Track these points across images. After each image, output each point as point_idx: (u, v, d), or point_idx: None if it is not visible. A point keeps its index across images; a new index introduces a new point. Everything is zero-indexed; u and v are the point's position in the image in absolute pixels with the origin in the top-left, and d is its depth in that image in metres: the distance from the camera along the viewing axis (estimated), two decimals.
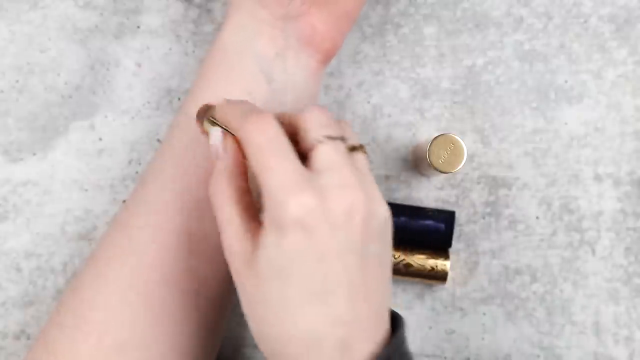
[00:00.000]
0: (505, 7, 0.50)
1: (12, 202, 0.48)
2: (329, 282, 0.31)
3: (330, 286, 0.31)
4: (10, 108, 0.48)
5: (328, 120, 0.34)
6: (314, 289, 0.31)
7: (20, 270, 0.48)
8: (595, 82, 0.50)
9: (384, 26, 0.50)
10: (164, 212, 0.38)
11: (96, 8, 0.49)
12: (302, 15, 0.40)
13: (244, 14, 0.40)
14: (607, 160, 0.49)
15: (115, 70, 0.49)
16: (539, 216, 0.49)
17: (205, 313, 0.39)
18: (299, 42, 0.40)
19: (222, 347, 0.48)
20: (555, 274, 0.49)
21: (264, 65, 0.39)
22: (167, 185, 0.39)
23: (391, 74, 0.50)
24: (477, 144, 0.49)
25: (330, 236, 0.31)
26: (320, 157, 0.32)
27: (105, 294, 0.38)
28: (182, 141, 0.39)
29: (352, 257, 0.31)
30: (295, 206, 0.30)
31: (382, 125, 0.49)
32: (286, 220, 0.30)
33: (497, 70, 0.50)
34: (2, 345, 0.48)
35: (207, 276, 0.39)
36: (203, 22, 0.50)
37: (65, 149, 0.48)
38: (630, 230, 0.49)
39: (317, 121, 0.33)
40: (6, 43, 0.49)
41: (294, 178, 0.31)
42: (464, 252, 0.49)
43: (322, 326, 0.31)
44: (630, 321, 0.48)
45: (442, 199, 0.49)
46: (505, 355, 0.48)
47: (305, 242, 0.30)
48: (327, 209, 0.31)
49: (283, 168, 0.31)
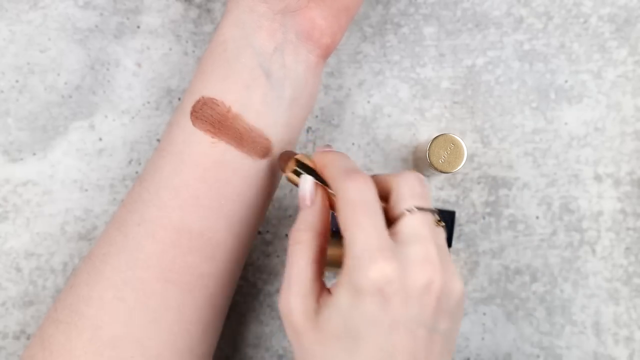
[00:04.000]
0: (505, 7, 0.50)
1: (12, 202, 0.48)
2: (396, 352, 0.32)
3: (396, 356, 0.32)
4: (10, 108, 0.48)
5: (422, 189, 0.34)
6: (379, 357, 0.31)
7: (20, 270, 0.48)
8: (595, 82, 0.50)
9: (384, 26, 0.50)
10: (161, 209, 0.38)
11: (96, 8, 0.49)
12: (301, 10, 0.40)
13: (243, 8, 0.40)
14: (607, 160, 0.49)
15: (115, 70, 0.49)
16: (539, 216, 0.49)
17: (202, 310, 0.39)
18: (298, 36, 0.40)
19: (222, 347, 0.48)
20: (555, 274, 0.49)
21: (262, 60, 0.39)
22: (164, 182, 0.39)
23: (391, 74, 0.50)
24: (477, 144, 0.49)
25: (405, 307, 0.31)
26: (408, 228, 0.33)
27: (100, 290, 0.38)
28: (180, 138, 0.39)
29: (422, 331, 0.32)
30: (377, 272, 0.31)
31: (382, 125, 0.49)
32: (365, 284, 0.31)
33: (497, 70, 0.50)
34: (2, 345, 0.48)
35: (203, 273, 0.39)
36: (203, 22, 0.50)
37: (65, 149, 0.48)
38: (630, 230, 0.49)
39: (411, 189, 0.34)
40: (6, 43, 0.49)
41: (380, 244, 0.32)
42: (464, 252, 0.49)
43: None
44: (630, 321, 0.48)
45: (442, 199, 0.49)
46: (505, 355, 0.48)
47: (380, 309, 0.31)
48: (407, 281, 0.31)
49: (372, 231, 0.32)
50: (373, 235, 0.32)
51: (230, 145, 0.39)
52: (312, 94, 0.42)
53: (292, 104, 0.40)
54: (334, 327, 0.32)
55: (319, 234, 0.35)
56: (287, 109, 0.40)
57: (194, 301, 0.39)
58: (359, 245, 0.32)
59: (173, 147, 0.39)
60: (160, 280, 0.38)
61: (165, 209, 0.38)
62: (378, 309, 0.31)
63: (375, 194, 0.33)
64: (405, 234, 0.33)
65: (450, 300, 0.33)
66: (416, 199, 0.34)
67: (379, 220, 0.32)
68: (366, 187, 0.33)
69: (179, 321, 0.38)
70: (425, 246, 0.32)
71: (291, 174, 0.37)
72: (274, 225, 0.49)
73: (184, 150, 0.39)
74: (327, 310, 0.32)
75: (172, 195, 0.38)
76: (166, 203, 0.38)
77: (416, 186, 0.34)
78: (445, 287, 0.32)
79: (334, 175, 0.35)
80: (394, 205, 0.34)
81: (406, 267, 0.32)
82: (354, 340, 0.32)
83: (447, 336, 0.34)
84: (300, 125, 0.42)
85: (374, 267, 0.31)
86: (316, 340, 0.32)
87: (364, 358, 0.31)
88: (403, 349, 0.32)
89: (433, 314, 0.32)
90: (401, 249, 0.32)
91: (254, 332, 0.49)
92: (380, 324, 0.31)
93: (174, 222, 0.38)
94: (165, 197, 0.38)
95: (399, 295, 0.31)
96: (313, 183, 0.36)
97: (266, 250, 0.49)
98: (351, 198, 0.33)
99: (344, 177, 0.34)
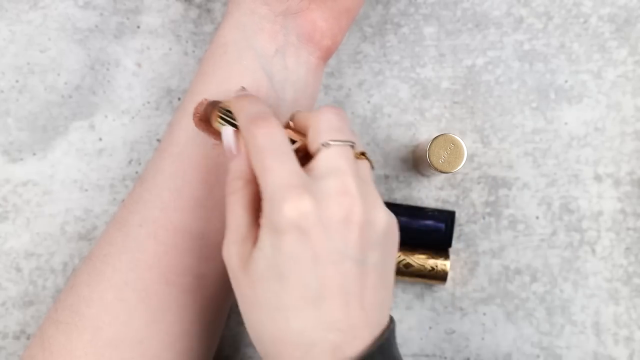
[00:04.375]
0: (505, 7, 0.50)
1: (12, 202, 0.48)
2: (324, 287, 0.31)
3: (324, 292, 0.31)
4: (10, 108, 0.48)
5: (340, 123, 0.34)
6: (308, 294, 0.31)
7: (20, 270, 0.48)
8: (595, 82, 0.50)
9: (384, 26, 0.50)
10: (162, 209, 0.38)
11: (96, 8, 0.49)
12: (302, 12, 0.40)
13: (244, 10, 0.40)
14: (607, 160, 0.49)
15: (115, 70, 0.49)
16: (539, 216, 0.49)
17: (202, 311, 0.39)
18: (299, 38, 0.40)
19: (222, 347, 0.48)
20: (555, 274, 0.49)
21: (263, 62, 0.39)
22: (166, 183, 0.39)
23: (391, 74, 0.50)
24: (477, 144, 0.49)
25: (326, 241, 0.31)
26: (323, 162, 0.32)
27: (100, 291, 0.38)
28: (181, 139, 0.39)
29: (349, 264, 0.31)
30: (291, 209, 0.30)
31: (382, 125, 0.49)
32: (282, 223, 0.30)
33: (497, 70, 0.50)
34: (2, 345, 0.48)
35: (204, 274, 0.39)
36: (203, 22, 0.50)
37: (65, 149, 0.48)
38: (630, 230, 0.49)
39: (328, 123, 0.33)
40: (6, 43, 0.48)
41: (292, 181, 0.31)
42: (464, 252, 0.49)
43: (315, 331, 0.31)
44: (630, 321, 0.48)
45: (442, 199, 0.49)
46: (505, 355, 0.48)
47: (301, 246, 0.31)
48: (324, 214, 0.31)
49: (282, 171, 0.31)
50: (284, 175, 0.31)
51: None
52: (313, 95, 0.42)
53: (293, 105, 0.40)
54: (261, 269, 0.31)
55: (249, 180, 0.34)
56: (288, 110, 0.40)
57: (194, 302, 0.39)
58: (270, 186, 0.31)
59: (174, 148, 0.39)
60: (160, 281, 0.38)
61: (166, 210, 0.38)
62: (298, 245, 0.31)
63: (283, 136, 0.33)
64: (320, 167, 0.32)
65: (375, 231, 0.32)
66: (332, 132, 0.33)
67: (289, 160, 0.32)
68: (272, 131, 0.32)
69: (179, 322, 0.38)
70: (340, 178, 0.32)
71: (217, 123, 0.37)
72: None
73: (185, 151, 0.39)
74: (255, 254, 0.32)
75: (174, 197, 0.38)
76: (167, 204, 0.38)
77: (332, 120, 0.34)
78: (367, 218, 0.32)
79: (242, 123, 0.34)
80: (311, 141, 0.33)
81: (322, 201, 0.31)
82: (280, 280, 0.31)
83: (380, 269, 0.33)
84: None
85: (288, 205, 0.30)
86: (248, 284, 0.32)
87: (291, 297, 0.31)
88: (331, 283, 0.31)
89: (358, 246, 0.31)
90: (317, 183, 0.32)
91: None
92: (302, 260, 0.31)
93: (175, 223, 0.38)
94: (167, 198, 0.39)
95: (317, 229, 0.31)
96: (234, 132, 0.35)
97: None
98: (259, 144, 0.32)
99: (250, 124, 0.33)
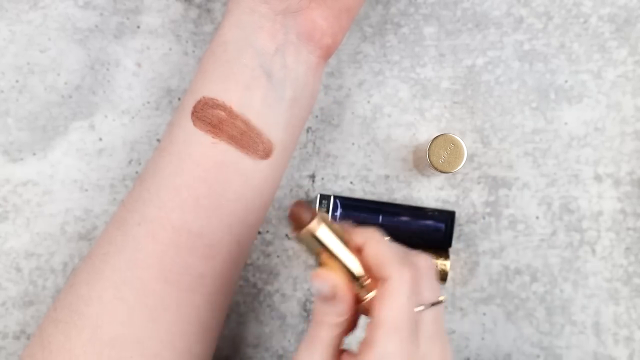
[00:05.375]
0: (505, 7, 0.50)
1: (12, 202, 0.48)
2: None
3: None
4: (10, 108, 0.48)
5: (417, 288, 0.33)
6: None
7: (20, 270, 0.48)
8: (595, 82, 0.50)
9: (384, 26, 0.50)
10: (161, 209, 0.38)
11: (96, 8, 0.49)
12: (302, 10, 0.40)
13: (244, 9, 0.40)
14: (607, 160, 0.49)
15: (115, 70, 0.49)
16: (539, 216, 0.49)
17: (201, 311, 0.39)
18: (299, 37, 0.40)
19: (222, 347, 0.48)
20: (555, 274, 0.49)
21: (263, 61, 0.39)
22: (165, 182, 0.39)
23: (391, 74, 0.50)
24: (477, 144, 0.49)
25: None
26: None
27: (100, 290, 0.38)
28: (180, 138, 0.39)
29: None
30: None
31: (382, 125, 0.49)
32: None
33: (497, 70, 0.50)
34: (2, 345, 0.48)
35: (203, 274, 0.39)
36: (203, 22, 0.50)
37: (65, 149, 0.48)
38: (630, 230, 0.49)
39: (409, 287, 0.32)
40: (6, 43, 0.49)
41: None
42: (464, 252, 0.49)
43: None
44: (630, 321, 0.48)
45: (442, 199, 0.49)
46: (505, 355, 0.48)
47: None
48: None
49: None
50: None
51: (230, 145, 0.39)
52: (313, 94, 0.42)
53: (293, 104, 0.40)
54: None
55: (335, 344, 0.33)
56: (287, 109, 0.40)
57: (193, 301, 0.39)
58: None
59: (174, 147, 0.39)
60: (159, 280, 0.38)
61: (165, 209, 0.38)
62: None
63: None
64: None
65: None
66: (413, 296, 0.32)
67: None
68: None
69: (177, 321, 0.38)
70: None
71: (312, 237, 0.33)
72: (274, 225, 0.49)
73: (184, 150, 0.39)
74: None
75: (173, 196, 0.38)
76: (166, 203, 0.38)
77: (413, 285, 0.32)
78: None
79: (389, 260, 0.32)
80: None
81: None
82: None
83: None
84: (300, 126, 0.42)
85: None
86: None
87: None
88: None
89: None
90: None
91: (253, 332, 0.49)
92: None
93: (173, 222, 0.38)
94: (166, 197, 0.38)
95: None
96: (339, 281, 0.33)
97: (266, 250, 0.49)
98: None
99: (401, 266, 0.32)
